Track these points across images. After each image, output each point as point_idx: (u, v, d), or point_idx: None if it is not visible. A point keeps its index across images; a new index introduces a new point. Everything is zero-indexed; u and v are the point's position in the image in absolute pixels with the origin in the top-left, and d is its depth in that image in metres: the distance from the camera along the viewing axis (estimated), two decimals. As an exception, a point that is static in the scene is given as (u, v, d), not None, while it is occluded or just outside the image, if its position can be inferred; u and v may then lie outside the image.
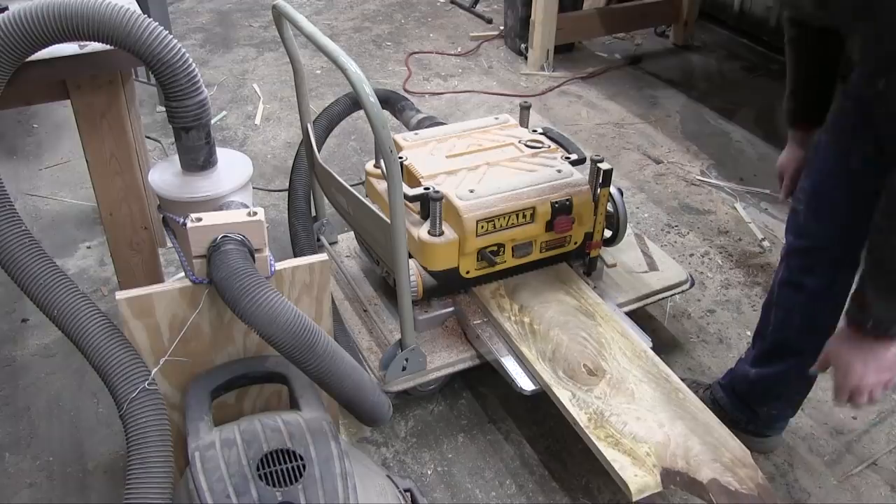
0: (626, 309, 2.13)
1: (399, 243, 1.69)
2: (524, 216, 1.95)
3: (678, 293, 2.28)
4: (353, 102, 2.40)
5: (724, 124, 3.58)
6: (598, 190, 2.01)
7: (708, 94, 3.85)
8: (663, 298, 2.27)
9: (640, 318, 2.30)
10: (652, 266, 2.30)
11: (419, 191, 1.91)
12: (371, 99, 1.54)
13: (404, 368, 1.89)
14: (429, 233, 1.91)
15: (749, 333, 2.35)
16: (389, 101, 2.64)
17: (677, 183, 3.12)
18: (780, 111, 3.50)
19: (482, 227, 1.90)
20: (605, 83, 3.97)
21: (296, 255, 2.07)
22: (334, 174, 1.98)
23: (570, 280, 2.10)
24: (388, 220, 1.69)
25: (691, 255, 2.68)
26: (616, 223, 2.14)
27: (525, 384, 1.83)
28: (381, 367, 1.88)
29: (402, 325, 1.84)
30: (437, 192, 1.88)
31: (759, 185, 3.10)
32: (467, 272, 1.96)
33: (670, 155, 3.32)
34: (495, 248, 1.95)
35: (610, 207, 2.10)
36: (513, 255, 1.99)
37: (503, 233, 1.93)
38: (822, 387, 2.17)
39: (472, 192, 1.92)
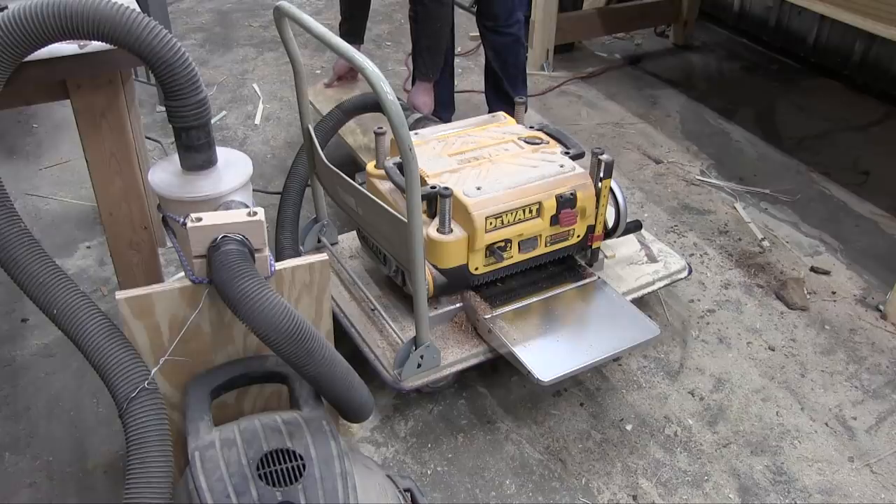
0: (630, 297, 2.16)
1: (417, 242, 1.69)
2: (530, 211, 1.95)
3: (677, 281, 2.30)
4: (345, 113, 2.39)
5: (724, 124, 3.58)
6: (600, 182, 2.02)
7: (708, 94, 3.85)
8: (664, 287, 2.29)
9: (640, 317, 2.31)
10: (650, 256, 2.32)
11: (427, 189, 1.91)
12: (390, 97, 1.53)
13: (419, 366, 1.90)
14: (438, 231, 1.91)
15: (749, 333, 2.35)
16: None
17: (677, 183, 3.12)
18: (779, 111, 3.52)
19: (491, 223, 1.90)
20: (604, 83, 3.97)
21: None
22: (342, 174, 1.98)
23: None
24: (404, 219, 1.69)
25: (691, 255, 2.68)
26: (617, 214, 2.15)
27: (542, 374, 1.82)
28: (397, 365, 1.89)
29: (418, 322, 1.84)
30: (447, 189, 1.88)
31: (759, 185, 3.10)
32: (476, 269, 1.97)
33: (670, 155, 3.32)
34: (503, 244, 1.96)
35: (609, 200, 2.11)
36: (519, 251, 2.00)
37: (511, 228, 1.94)
38: (821, 383, 2.17)
39: (479, 189, 1.93)
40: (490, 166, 2.04)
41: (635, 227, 2.26)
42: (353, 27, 2.91)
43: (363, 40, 2.99)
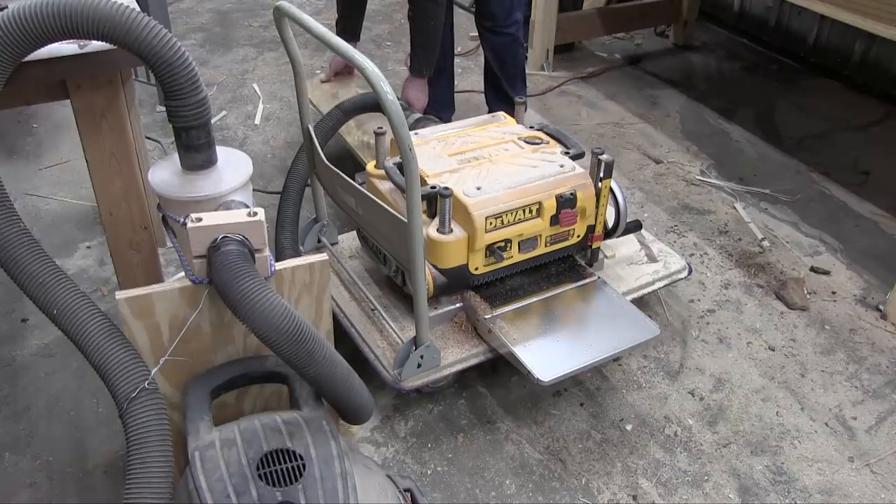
0: (630, 297, 2.16)
1: (417, 242, 1.69)
2: (530, 211, 1.95)
3: (677, 281, 2.30)
4: (345, 113, 2.39)
5: (724, 124, 3.58)
6: (600, 182, 2.02)
7: (708, 94, 3.85)
8: (664, 287, 2.29)
9: (641, 317, 2.31)
10: (650, 256, 2.32)
11: (427, 189, 1.91)
12: (390, 97, 1.53)
13: (419, 366, 1.90)
14: (438, 231, 1.91)
15: (749, 333, 2.35)
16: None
17: (677, 183, 3.12)
18: (779, 111, 3.52)
19: (491, 223, 1.90)
20: (604, 83, 3.97)
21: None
22: (342, 174, 1.98)
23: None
24: (404, 219, 1.69)
25: (691, 255, 2.68)
26: (617, 214, 2.15)
27: (542, 374, 1.82)
28: (397, 365, 1.89)
29: (418, 322, 1.84)
30: (447, 189, 1.88)
31: (759, 185, 3.10)
32: (476, 269, 1.97)
33: (670, 155, 3.32)
34: (503, 244, 1.96)
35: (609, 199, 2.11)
36: (519, 251, 2.00)
37: (511, 228, 1.94)
38: (821, 383, 2.17)
39: (479, 189, 1.93)
40: (490, 166, 2.04)
41: (635, 227, 2.26)
42: (349, 25, 2.92)
43: (359, 38, 3.00)
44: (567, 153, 2.12)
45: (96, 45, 1.40)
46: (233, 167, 1.53)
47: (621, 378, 2.18)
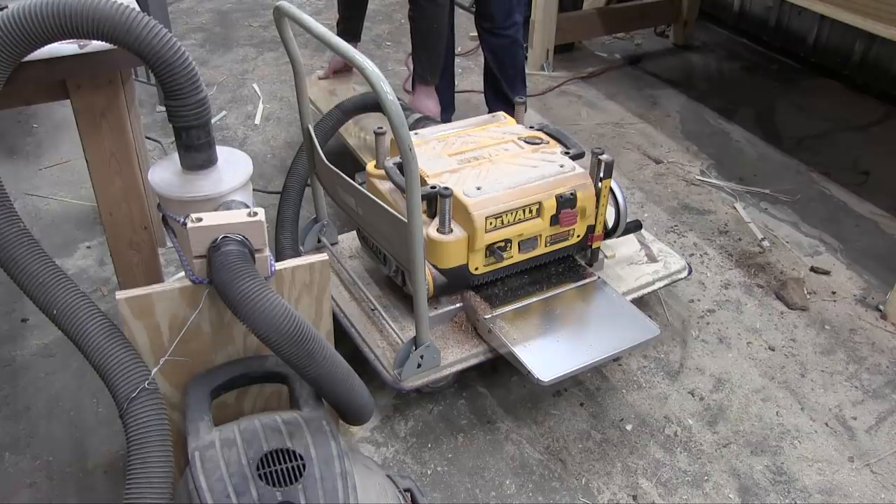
0: (630, 297, 2.16)
1: (417, 242, 1.69)
2: (530, 211, 1.95)
3: (677, 281, 2.30)
4: (345, 113, 2.39)
5: (724, 124, 3.58)
6: (600, 182, 2.02)
7: (708, 94, 3.85)
8: (664, 287, 2.29)
9: (641, 317, 2.31)
10: (650, 256, 2.32)
11: (427, 189, 1.91)
12: (390, 97, 1.53)
13: (419, 366, 1.90)
14: (438, 231, 1.91)
15: (749, 333, 2.35)
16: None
17: (677, 183, 3.12)
18: (779, 111, 3.52)
19: (491, 223, 1.90)
20: (604, 83, 3.97)
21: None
22: (342, 174, 1.98)
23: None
24: (404, 219, 1.69)
25: (691, 255, 2.68)
26: (617, 214, 2.15)
27: (542, 374, 1.82)
28: (397, 365, 1.89)
29: (418, 322, 1.84)
30: (447, 189, 1.88)
31: (759, 185, 3.10)
32: (476, 269, 1.97)
33: (670, 155, 3.32)
34: (503, 244, 1.96)
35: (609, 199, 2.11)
36: (519, 251, 2.00)
37: (511, 228, 1.94)
38: (821, 383, 2.17)
39: (479, 189, 1.93)
40: (490, 166, 2.04)
41: (635, 227, 2.26)
42: (350, 26, 2.93)
43: (360, 39, 3.01)
44: (567, 153, 2.12)
45: (96, 45, 1.40)
46: (233, 167, 1.53)
47: (621, 378, 2.18)
